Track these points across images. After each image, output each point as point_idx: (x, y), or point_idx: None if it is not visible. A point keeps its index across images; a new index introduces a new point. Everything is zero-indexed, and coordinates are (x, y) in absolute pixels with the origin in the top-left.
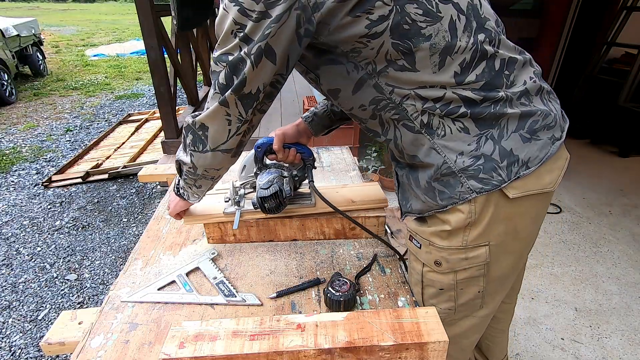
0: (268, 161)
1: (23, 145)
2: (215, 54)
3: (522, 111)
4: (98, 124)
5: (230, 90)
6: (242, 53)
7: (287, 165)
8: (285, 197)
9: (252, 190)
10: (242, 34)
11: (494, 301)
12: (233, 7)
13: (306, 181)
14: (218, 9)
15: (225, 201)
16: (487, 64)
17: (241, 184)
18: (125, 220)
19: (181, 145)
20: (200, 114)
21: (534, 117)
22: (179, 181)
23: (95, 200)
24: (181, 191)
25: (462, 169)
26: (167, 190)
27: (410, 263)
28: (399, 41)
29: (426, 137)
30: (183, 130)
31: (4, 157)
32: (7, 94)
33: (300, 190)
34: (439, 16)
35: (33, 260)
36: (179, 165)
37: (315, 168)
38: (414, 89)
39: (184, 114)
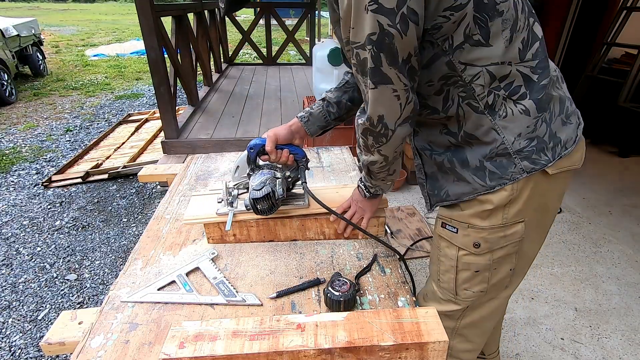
0: (261, 162)
1: (23, 145)
2: (356, 40)
3: (560, 95)
4: (98, 124)
5: (386, 66)
6: (385, 27)
7: (280, 166)
8: (278, 199)
9: (245, 190)
10: (376, 6)
11: (518, 280)
12: None
13: (300, 182)
14: None
15: (219, 202)
16: (538, 45)
17: (234, 185)
18: (125, 220)
19: (362, 150)
20: (365, 112)
21: (567, 102)
22: (367, 187)
23: (95, 200)
24: (373, 190)
25: (518, 150)
26: (167, 190)
27: (440, 251)
28: (479, 14)
29: (488, 117)
30: (360, 135)
31: (4, 157)
32: (7, 94)
33: (294, 191)
34: None
35: (33, 260)
36: (368, 169)
37: (308, 169)
38: (486, 66)
39: (184, 114)
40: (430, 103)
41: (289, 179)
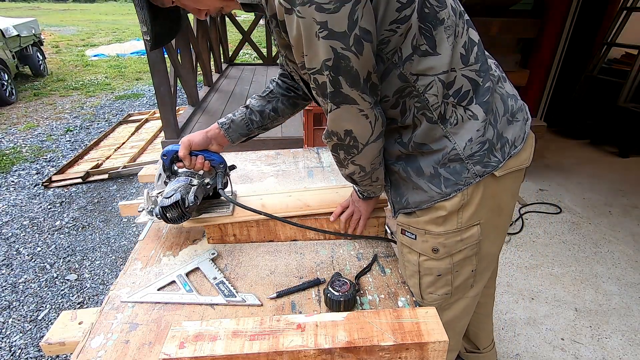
0: (180, 170)
1: (23, 145)
2: (311, 66)
3: (502, 94)
4: (98, 124)
5: (347, 87)
6: (340, 51)
7: (201, 172)
8: (188, 207)
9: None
10: (326, 32)
11: (483, 279)
12: (309, 9)
13: (228, 188)
14: (185, 19)
15: (139, 211)
16: (477, 48)
17: (157, 193)
18: (125, 220)
19: (338, 165)
20: (332, 126)
21: (510, 100)
22: (359, 190)
23: (96, 201)
24: (366, 194)
25: (470, 155)
26: None
27: (403, 257)
28: (423, 24)
29: (440, 126)
30: (331, 152)
31: (4, 157)
32: (7, 94)
33: (221, 197)
34: (445, 2)
35: (33, 260)
36: (351, 178)
37: (228, 175)
38: (437, 74)
39: (184, 114)
40: (388, 115)
41: (208, 186)
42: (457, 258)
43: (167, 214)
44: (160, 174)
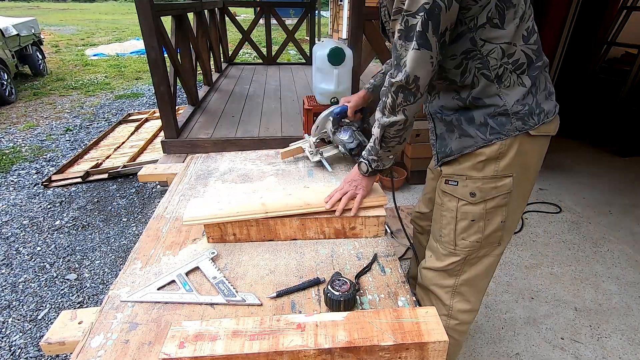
0: (344, 122)
1: (23, 144)
2: (413, 7)
3: (546, 76)
4: (98, 123)
5: (430, 32)
6: (437, 0)
7: (352, 122)
8: (362, 144)
9: (321, 141)
10: None
11: (508, 238)
12: None
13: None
14: None
15: (309, 152)
16: (537, 36)
17: (315, 139)
18: (125, 219)
19: (386, 111)
20: (402, 71)
21: (549, 83)
22: (371, 160)
23: (95, 200)
24: (375, 165)
25: (515, 112)
26: (166, 189)
27: (442, 206)
28: (500, 3)
29: (495, 85)
30: (388, 94)
31: (4, 157)
32: (6, 94)
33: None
34: None
35: (33, 259)
36: (384, 133)
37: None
38: (499, 43)
39: (184, 114)
40: (450, 75)
41: (359, 129)
42: (490, 205)
43: (353, 152)
44: (317, 126)
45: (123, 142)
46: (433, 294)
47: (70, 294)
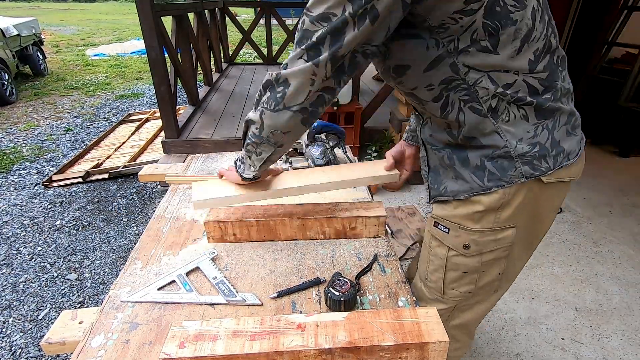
0: (319, 138)
1: (23, 144)
2: (315, 12)
3: (571, 109)
4: (98, 123)
5: (327, 51)
6: (346, 14)
7: (327, 140)
8: (331, 161)
9: (293, 150)
10: None
11: (507, 285)
12: None
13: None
14: None
15: (280, 159)
16: (550, 56)
17: (307, 143)
18: (126, 219)
19: (254, 104)
20: (285, 69)
21: (575, 115)
22: (242, 155)
23: (96, 200)
24: (238, 163)
25: (520, 155)
26: (167, 189)
27: (430, 250)
28: (489, 21)
29: (491, 120)
30: (260, 88)
31: (5, 157)
32: (7, 94)
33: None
34: (524, 4)
35: (33, 259)
36: (247, 126)
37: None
38: (488, 71)
39: (184, 114)
40: (427, 108)
41: (332, 148)
42: (487, 258)
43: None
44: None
45: (123, 142)
46: None
47: (71, 294)
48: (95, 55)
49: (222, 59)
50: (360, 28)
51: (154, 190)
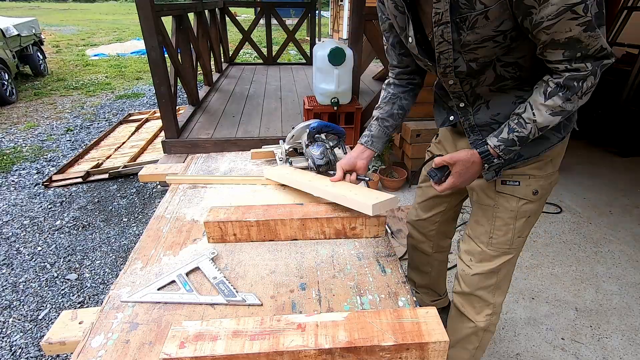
0: (319, 137)
1: (23, 145)
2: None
3: None
4: (98, 123)
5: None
6: None
7: (327, 140)
8: (331, 162)
9: (293, 150)
10: None
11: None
12: None
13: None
14: None
15: (280, 159)
16: None
17: (288, 147)
18: (126, 220)
19: (570, 99)
20: (606, 52)
21: None
22: (498, 156)
23: (96, 200)
24: (508, 157)
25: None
26: (167, 189)
27: (497, 208)
28: None
29: None
30: (596, 78)
31: (5, 157)
32: (7, 94)
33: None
34: None
35: (33, 259)
36: (565, 117)
37: (343, 141)
38: None
39: (185, 114)
40: (523, 75)
41: (332, 148)
42: (543, 200)
43: (320, 169)
44: (293, 135)
45: (124, 142)
46: (476, 297)
47: (71, 294)
48: (95, 55)
49: (222, 59)
50: None
51: (154, 190)
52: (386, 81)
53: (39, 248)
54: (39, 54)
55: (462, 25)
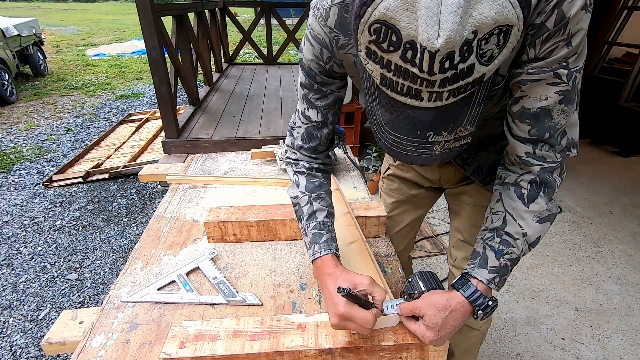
0: None
1: (24, 145)
2: (580, 63)
3: None
4: (98, 123)
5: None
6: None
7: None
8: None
9: None
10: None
11: None
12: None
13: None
14: None
15: (280, 160)
16: None
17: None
18: (126, 219)
19: (550, 197)
20: (567, 140)
21: None
22: (502, 281)
23: (96, 200)
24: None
25: None
26: (167, 189)
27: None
28: None
29: None
30: (562, 175)
31: (5, 157)
32: (7, 94)
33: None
34: None
35: (34, 259)
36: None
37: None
38: None
39: (185, 114)
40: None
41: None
42: None
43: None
44: None
45: (124, 142)
46: None
47: (71, 294)
48: (95, 56)
49: (222, 59)
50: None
51: (154, 190)
52: (302, 171)
53: (39, 248)
54: (39, 54)
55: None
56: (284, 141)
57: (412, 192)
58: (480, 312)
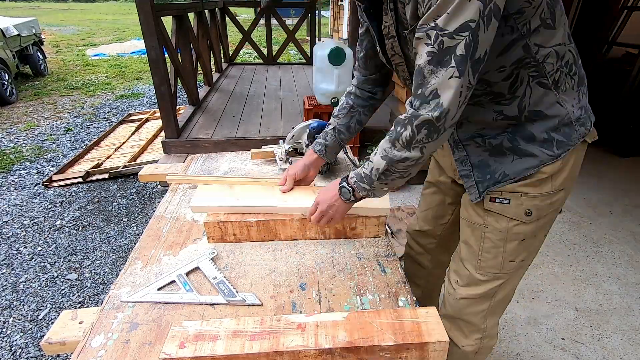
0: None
1: (24, 145)
2: (452, 26)
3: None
4: (98, 123)
5: (469, 59)
6: (479, 16)
7: None
8: (331, 164)
9: (293, 151)
10: None
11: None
12: None
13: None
14: None
15: (280, 159)
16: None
17: (289, 147)
18: (126, 219)
19: (399, 145)
20: (433, 104)
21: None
22: (362, 188)
23: (96, 200)
24: (363, 194)
25: (577, 118)
26: (167, 189)
27: (485, 227)
28: (550, 0)
29: (554, 92)
30: (407, 126)
31: (5, 157)
32: (7, 94)
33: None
34: None
35: (34, 259)
36: (389, 168)
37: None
38: (553, 46)
39: (185, 114)
40: (495, 89)
41: None
42: (542, 222)
43: (321, 169)
44: (293, 135)
45: (124, 142)
46: (464, 321)
47: (71, 294)
48: (95, 55)
49: (222, 59)
50: (489, 27)
51: (154, 190)
52: (348, 89)
53: (39, 248)
54: (39, 54)
55: (407, 40)
56: (284, 141)
57: (440, 179)
58: (341, 190)
